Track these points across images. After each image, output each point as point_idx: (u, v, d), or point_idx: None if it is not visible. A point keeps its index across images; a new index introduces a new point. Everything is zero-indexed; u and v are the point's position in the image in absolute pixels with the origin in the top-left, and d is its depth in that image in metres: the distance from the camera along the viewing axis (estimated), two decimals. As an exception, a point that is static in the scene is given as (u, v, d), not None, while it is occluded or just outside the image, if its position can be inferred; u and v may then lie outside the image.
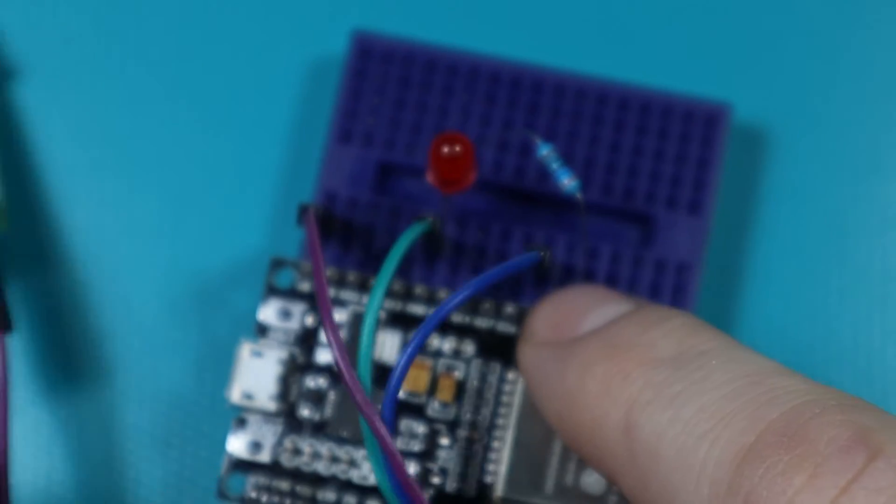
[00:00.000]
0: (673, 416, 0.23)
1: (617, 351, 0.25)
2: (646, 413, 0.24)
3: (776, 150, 0.32)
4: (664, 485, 0.23)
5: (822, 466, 0.21)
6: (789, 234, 0.32)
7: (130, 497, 0.31)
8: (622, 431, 0.24)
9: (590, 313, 0.27)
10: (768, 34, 0.33)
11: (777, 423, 0.22)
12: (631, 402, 0.24)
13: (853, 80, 0.33)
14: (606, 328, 0.26)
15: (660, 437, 0.23)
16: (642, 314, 0.26)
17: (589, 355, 0.26)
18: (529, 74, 0.31)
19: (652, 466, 0.23)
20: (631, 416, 0.24)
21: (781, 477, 0.21)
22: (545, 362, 0.27)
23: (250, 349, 0.29)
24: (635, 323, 0.26)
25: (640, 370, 0.24)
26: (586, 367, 0.25)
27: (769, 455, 0.22)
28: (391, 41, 0.31)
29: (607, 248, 0.30)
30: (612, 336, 0.26)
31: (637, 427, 0.24)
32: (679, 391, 0.24)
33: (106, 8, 0.33)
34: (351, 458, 0.29)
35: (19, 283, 0.32)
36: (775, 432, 0.22)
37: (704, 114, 0.31)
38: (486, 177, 0.31)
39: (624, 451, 0.24)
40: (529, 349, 0.28)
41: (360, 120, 0.31)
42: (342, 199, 0.31)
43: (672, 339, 0.25)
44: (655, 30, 0.33)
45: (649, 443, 0.24)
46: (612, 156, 0.31)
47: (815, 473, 0.21)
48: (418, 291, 0.30)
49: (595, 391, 0.25)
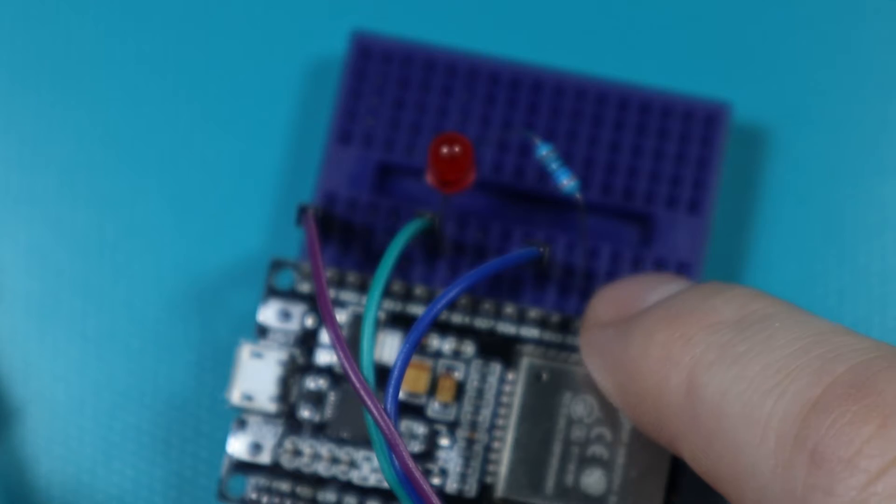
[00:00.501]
0: (737, 373, 0.23)
1: (679, 317, 0.25)
2: (709, 373, 0.24)
3: (776, 150, 0.32)
4: (729, 442, 0.23)
5: (891, 417, 0.21)
6: (788, 233, 0.32)
7: (130, 497, 0.31)
8: (684, 393, 0.24)
9: (652, 291, 0.27)
10: (767, 34, 0.33)
11: (844, 377, 0.22)
12: (693, 364, 0.24)
13: (852, 79, 0.33)
14: (667, 299, 0.26)
15: (724, 395, 0.23)
16: (702, 286, 0.26)
17: (651, 324, 0.25)
18: (529, 74, 0.31)
19: (716, 425, 0.23)
20: (694, 376, 0.24)
21: (849, 427, 0.21)
22: (609, 339, 0.27)
23: (250, 350, 0.29)
24: (696, 293, 0.26)
25: (703, 334, 0.24)
26: (648, 335, 0.25)
27: (837, 406, 0.21)
28: (390, 42, 0.31)
29: (607, 247, 0.30)
30: (673, 305, 0.26)
31: (701, 387, 0.24)
32: (743, 351, 0.23)
33: (106, 9, 0.33)
34: (351, 459, 0.29)
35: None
36: (843, 384, 0.22)
37: (704, 113, 0.31)
38: (485, 177, 0.31)
39: (687, 412, 0.24)
40: (593, 331, 0.28)
41: (360, 120, 0.31)
42: (342, 199, 0.31)
43: (734, 305, 0.25)
44: (654, 30, 0.33)
45: (713, 401, 0.23)
46: (611, 155, 0.31)
47: (884, 423, 0.21)
48: (418, 292, 0.30)
49: (657, 356, 0.25)
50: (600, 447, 0.29)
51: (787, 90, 0.32)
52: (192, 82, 0.33)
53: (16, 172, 0.32)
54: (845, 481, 0.21)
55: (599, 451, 0.29)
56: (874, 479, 0.21)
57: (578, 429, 0.29)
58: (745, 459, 0.23)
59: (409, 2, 0.33)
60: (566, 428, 0.29)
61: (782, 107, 0.32)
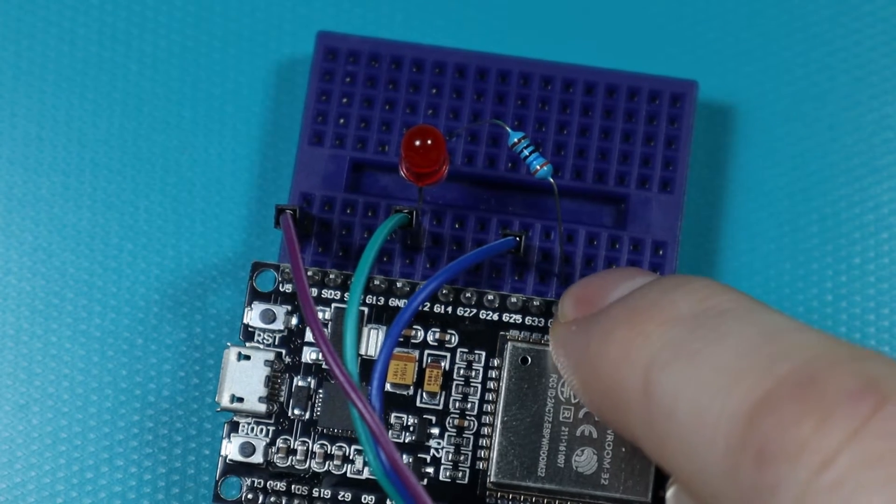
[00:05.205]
0: (690, 374, 0.23)
1: (636, 313, 0.25)
2: (664, 373, 0.24)
3: (742, 126, 0.33)
4: (682, 442, 0.23)
5: (831, 414, 0.21)
6: (761, 204, 0.32)
7: (129, 497, 0.31)
8: (641, 393, 0.24)
9: (615, 288, 0.27)
10: (727, 13, 0.33)
11: (788, 376, 0.22)
12: (650, 363, 0.24)
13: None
14: (628, 295, 0.26)
15: (677, 396, 0.23)
16: (663, 279, 0.26)
17: (610, 321, 0.26)
18: (495, 65, 0.31)
19: (669, 426, 0.23)
20: (650, 376, 0.24)
21: (792, 424, 0.21)
22: (572, 336, 0.27)
23: (236, 353, 0.29)
24: (656, 287, 0.26)
25: (660, 330, 0.24)
26: (607, 332, 0.25)
27: (780, 406, 0.22)
28: (356, 40, 0.32)
29: (583, 230, 0.31)
30: (632, 300, 0.26)
31: (655, 387, 0.24)
32: (696, 350, 0.24)
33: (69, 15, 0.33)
34: (344, 453, 0.29)
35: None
36: (786, 384, 0.22)
37: (670, 92, 0.31)
38: (458, 168, 0.31)
39: (643, 412, 0.24)
40: (559, 328, 0.28)
41: (330, 120, 0.31)
42: (317, 199, 0.31)
43: (692, 299, 0.25)
44: (615, 13, 0.33)
45: (666, 403, 0.24)
46: (581, 139, 0.31)
47: (824, 418, 0.21)
48: (399, 286, 0.30)
49: (615, 355, 0.25)
50: (589, 426, 0.29)
51: (749, 68, 0.33)
52: (163, 88, 0.33)
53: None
54: (790, 477, 0.21)
55: (588, 431, 0.29)
56: (817, 473, 0.21)
57: (566, 410, 0.29)
58: (698, 459, 0.23)
59: (374, 2, 0.33)
60: (554, 409, 0.29)
61: (746, 84, 0.33)
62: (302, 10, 0.33)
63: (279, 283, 0.30)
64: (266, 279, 0.30)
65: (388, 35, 0.33)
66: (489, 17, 0.33)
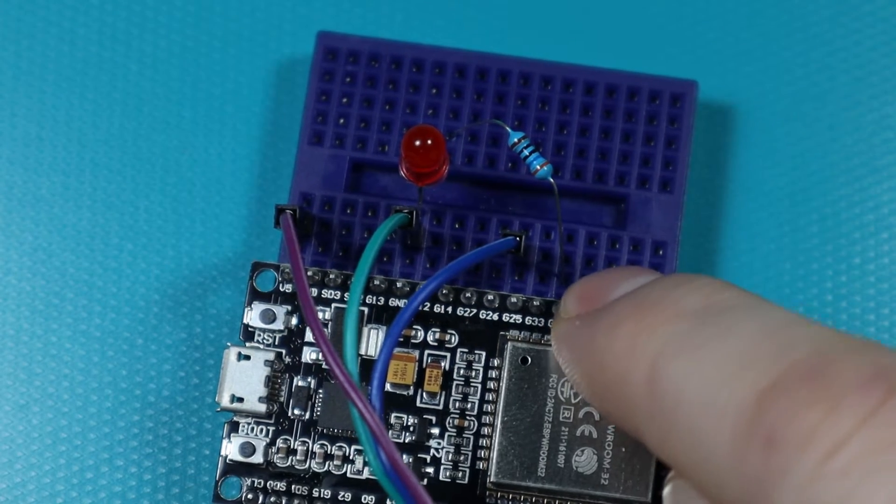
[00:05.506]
0: (696, 365, 0.23)
1: (642, 309, 0.25)
2: (670, 365, 0.24)
3: (742, 126, 0.33)
4: (687, 432, 0.23)
5: (841, 402, 0.21)
6: (761, 205, 0.32)
7: (129, 497, 0.31)
8: (646, 385, 0.24)
9: (618, 286, 0.27)
10: (727, 14, 0.33)
11: (797, 365, 0.22)
12: (656, 355, 0.24)
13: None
14: (633, 291, 0.26)
15: (683, 387, 0.23)
16: (667, 277, 0.26)
17: (616, 316, 0.26)
18: (495, 64, 0.31)
19: (675, 416, 0.23)
20: (655, 368, 0.24)
21: (802, 409, 0.21)
22: (576, 331, 0.27)
23: (236, 353, 0.29)
24: (661, 284, 0.26)
25: (666, 325, 0.25)
26: (613, 326, 0.25)
27: (790, 391, 0.22)
28: (356, 40, 0.32)
29: (583, 230, 0.31)
30: (638, 296, 0.26)
31: (661, 379, 0.24)
32: (702, 342, 0.24)
33: (69, 15, 0.33)
34: (344, 453, 0.29)
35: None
36: (796, 372, 0.22)
37: (670, 92, 0.31)
38: (458, 168, 0.31)
39: (648, 403, 0.24)
40: (562, 323, 0.28)
41: (330, 120, 0.31)
42: (317, 199, 0.31)
43: (698, 295, 0.25)
44: (615, 13, 0.33)
45: (672, 393, 0.24)
46: (581, 139, 0.31)
47: (834, 405, 0.21)
48: (399, 286, 0.30)
49: (621, 348, 0.25)
50: (589, 426, 0.29)
51: (749, 68, 0.33)
52: (163, 88, 0.33)
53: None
54: (798, 463, 0.21)
55: (588, 431, 0.29)
56: (826, 460, 0.21)
57: (566, 410, 0.29)
58: (704, 448, 0.23)
59: (374, 3, 0.33)
60: (554, 409, 0.29)
61: (746, 84, 0.33)
62: (302, 10, 0.33)
63: (279, 283, 0.30)
64: (266, 279, 0.30)
65: (388, 35, 0.33)
66: (489, 17, 0.33)
